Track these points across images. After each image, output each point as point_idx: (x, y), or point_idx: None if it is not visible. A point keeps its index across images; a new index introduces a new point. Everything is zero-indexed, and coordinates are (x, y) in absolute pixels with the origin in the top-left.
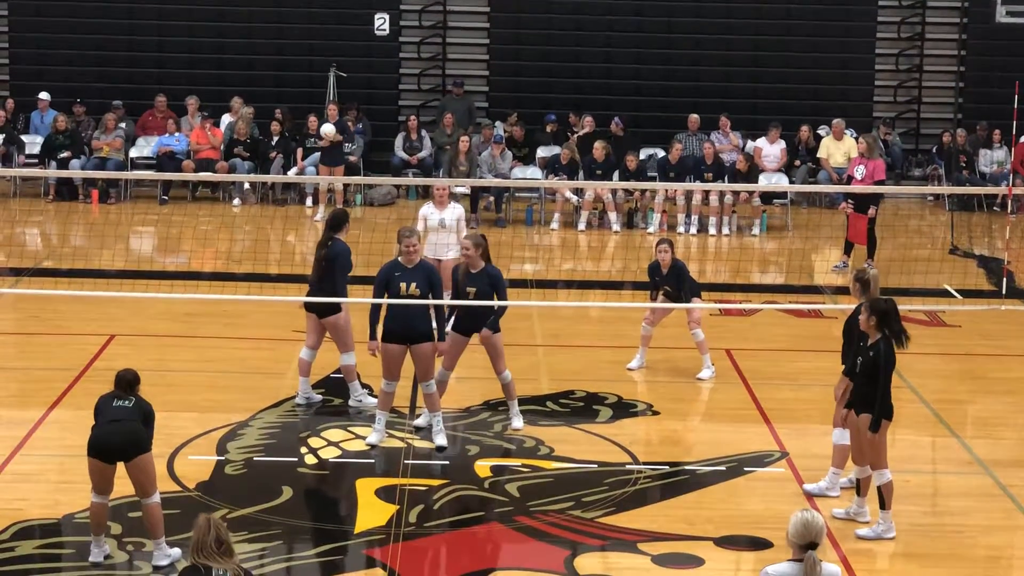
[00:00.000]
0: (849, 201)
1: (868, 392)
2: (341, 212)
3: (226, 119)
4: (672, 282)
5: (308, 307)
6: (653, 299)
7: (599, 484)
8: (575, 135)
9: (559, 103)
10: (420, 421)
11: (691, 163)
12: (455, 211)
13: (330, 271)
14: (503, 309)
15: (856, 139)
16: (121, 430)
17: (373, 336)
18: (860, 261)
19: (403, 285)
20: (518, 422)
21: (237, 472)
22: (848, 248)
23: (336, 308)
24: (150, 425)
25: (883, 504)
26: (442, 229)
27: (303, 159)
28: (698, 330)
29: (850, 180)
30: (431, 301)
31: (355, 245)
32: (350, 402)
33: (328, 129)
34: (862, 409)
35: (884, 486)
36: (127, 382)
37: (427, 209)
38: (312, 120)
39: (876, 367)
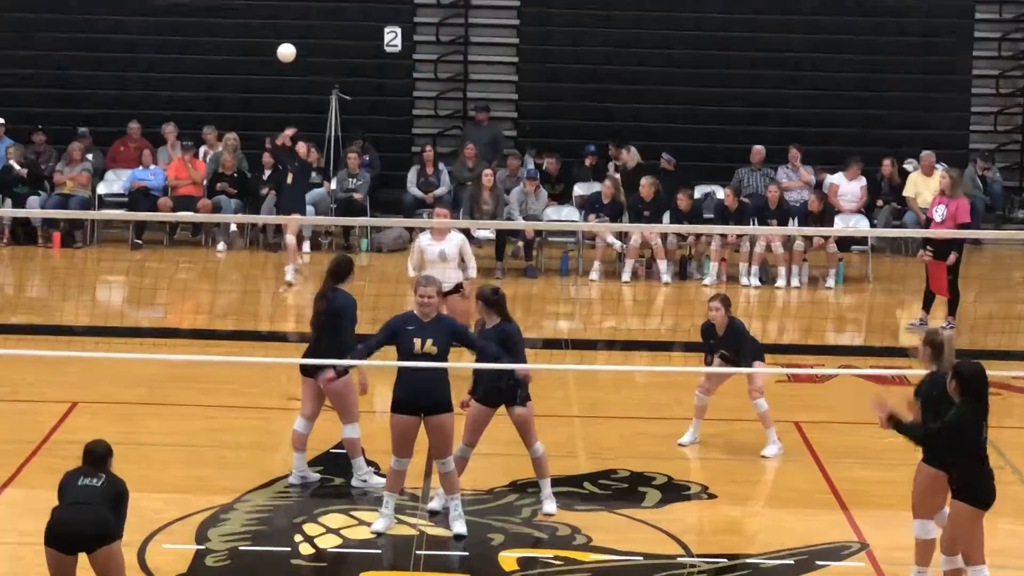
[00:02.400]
0: (928, 248)
1: (962, 468)
2: (344, 259)
3: (203, 150)
4: (730, 345)
5: (304, 371)
6: (708, 363)
7: None
8: (618, 169)
9: (600, 132)
10: (434, 504)
11: (752, 208)
12: (455, 240)
13: (332, 327)
14: (524, 378)
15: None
16: (84, 516)
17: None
18: (941, 318)
19: (417, 342)
20: (551, 506)
21: (220, 564)
22: (928, 302)
23: (338, 373)
24: (122, 508)
25: None
26: (442, 262)
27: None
28: (761, 400)
29: (929, 223)
30: (447, 364)
31: (360, 299)
32: (353, 482)
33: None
34: (956, 494)
35: None
36: (96, 456)
37: (424, 240)
38: (302, 148)
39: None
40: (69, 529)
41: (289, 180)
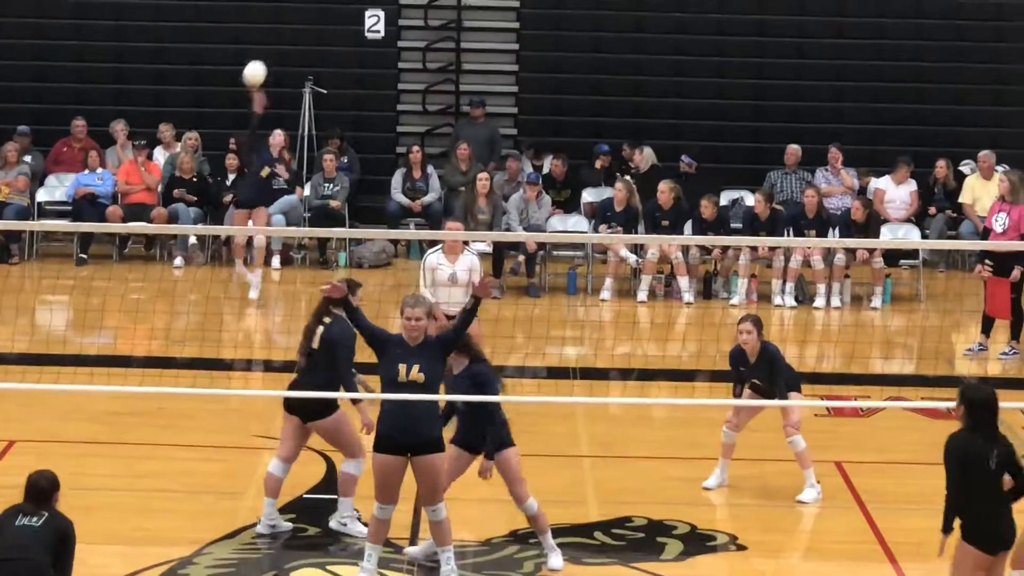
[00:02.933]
0: (987, 263)
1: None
2: (350, 281)
3: (160, 152)
4: (762, 374)
5: (289, 406)
6: (737, 395)
7: None
8: (630, 173)
9: (612, 130)
10: (414, 551)
11: (786, 216)
12: (470, 261)
13: (326, 360)
14: (496, 430)
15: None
16: (17, 570)
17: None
18: (1003, 342)
19: (402, 368)
20: (556, 560)
21: None
22: (988, 324)
23: (330, 408)
24: (65, 554)
25: None
26: (453, 285)
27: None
28: (797, 436)
29: (987, 233)
30: (433, 396)
31: None
32: (332, 523)
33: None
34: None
35: None
36: (39, 491)
37: (436, 258)
38: (277, 138)
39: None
40: None
41: (264, 173)
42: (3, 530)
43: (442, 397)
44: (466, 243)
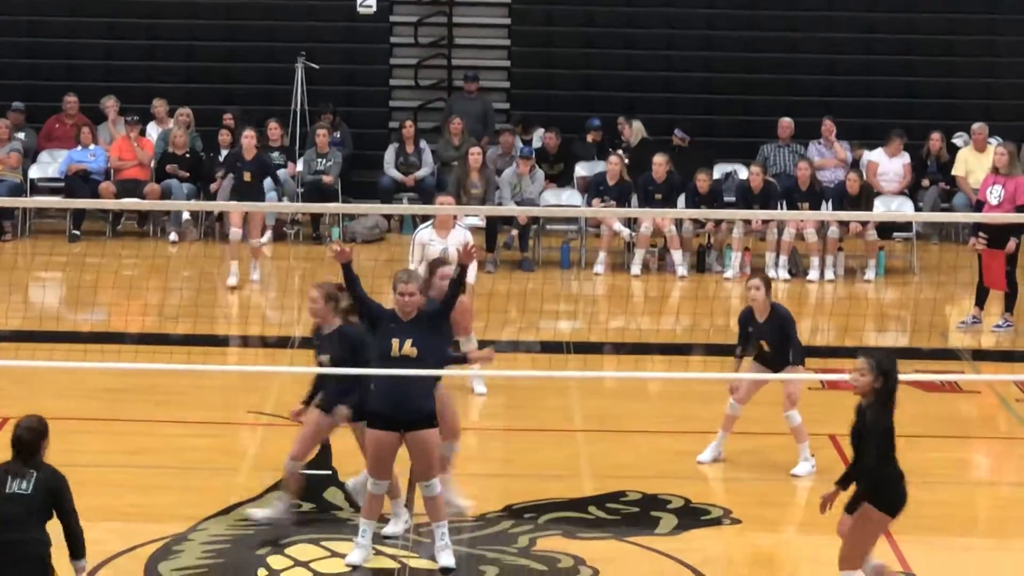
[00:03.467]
0: (981, 235)
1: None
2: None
3: (153, 128)
4: (772, 333)
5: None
6: (738, 356)
7: None
8: (621, 147)
9: (605, 103)
10: (390, 529)
11: (779, 189)
12: (461, 236)
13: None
14: (355, 391)
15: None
16: (16, 555)
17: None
18: (996, 314)
19: (395, 343)
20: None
21: None
22: (982, 297)
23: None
24: (63, 508)
25: None
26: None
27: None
28: (793, 412)
29: (982, 206)
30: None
31: None
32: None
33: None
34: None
35: None
36: (24, 446)
37: (427, 234)
38: (273, 127)
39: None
40: None
41: (247, 178)
42: None
43: (434, 372)
44: (455, 217)
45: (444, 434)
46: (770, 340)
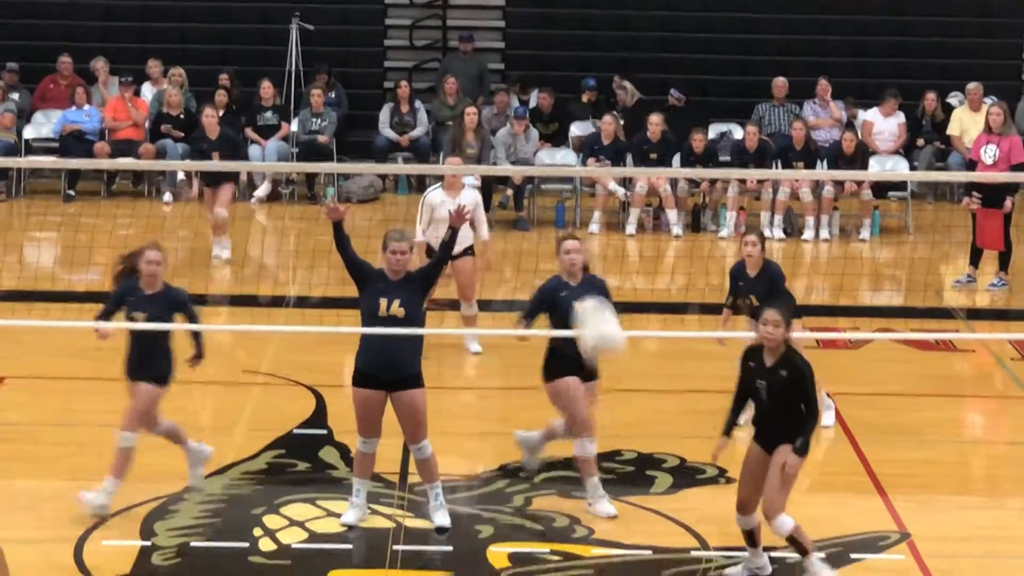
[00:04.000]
0: (975, 194)
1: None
2: None
3: (148, 88)
4: (760, 290)
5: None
6: (728, 305)
7: None
8: (621, 106)
9: (601, 63)
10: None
11: (775, 149)
12: (471, 196)
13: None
14: (159, 358)
15: None
16: None
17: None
18: (990, 275)
19: (383, 302)
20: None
21: (168, 562)
22: (976, 256)
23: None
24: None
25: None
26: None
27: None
28: None
29: (974, 165)
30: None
31: (325, 255)
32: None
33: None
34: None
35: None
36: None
37: (437, 195)
38: (266, 86)
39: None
40: None
41: (215, 158)
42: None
43: (421, 331)
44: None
45: (576, 431)
46: (759, 295)
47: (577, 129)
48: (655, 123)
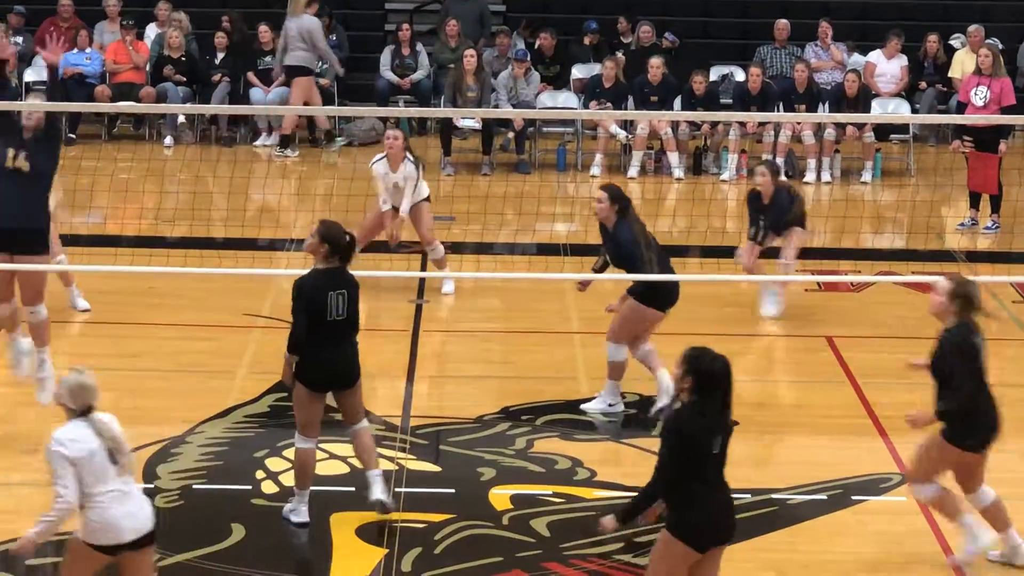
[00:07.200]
0: (966, 138)
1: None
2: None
3: (152, 30)
4: (776, 216)
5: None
6: (753, 237)
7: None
8: (623, 48)
9: (602, 5)
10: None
11: (777, 91)
12: (407, 173)
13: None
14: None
15: (1001, 51)
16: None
17: None
18: (984, 217)
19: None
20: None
21: (171, 505)
22: (976, 199)
23: None
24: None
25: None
26: (397, 191)
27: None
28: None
29: (964, 107)
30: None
31: (328, 198)
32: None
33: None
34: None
35: None
36: (345, 250)
37: (381, 167)
38: (263, 30)
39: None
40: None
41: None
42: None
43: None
44: (405, 153)
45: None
46: (774, 222)
47: (578, 72)
48: (655, 66)
